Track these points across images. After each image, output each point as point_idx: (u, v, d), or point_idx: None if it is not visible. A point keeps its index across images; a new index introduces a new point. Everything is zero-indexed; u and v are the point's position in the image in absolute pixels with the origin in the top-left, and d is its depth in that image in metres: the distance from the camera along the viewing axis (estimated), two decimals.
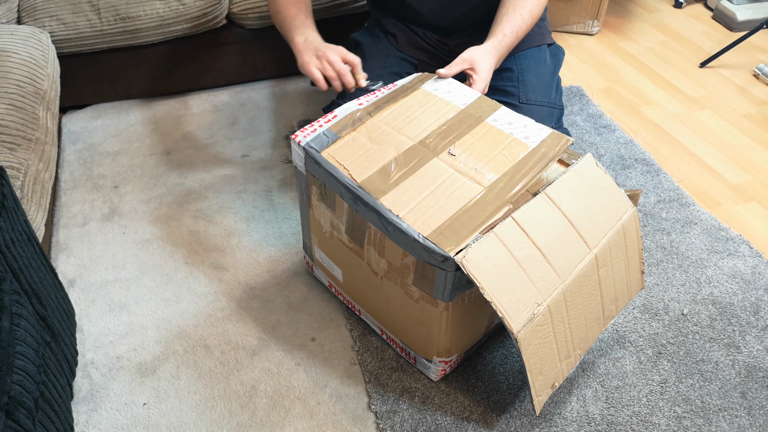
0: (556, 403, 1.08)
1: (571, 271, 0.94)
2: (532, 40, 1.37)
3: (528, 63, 1.34)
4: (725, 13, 2.28)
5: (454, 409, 1.08)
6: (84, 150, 1.67)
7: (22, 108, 1.30)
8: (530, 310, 0.89)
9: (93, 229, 1.44)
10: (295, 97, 1.88)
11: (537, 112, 1.27)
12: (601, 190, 1.00)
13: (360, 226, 1.00)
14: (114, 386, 1.12)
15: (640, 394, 1.10)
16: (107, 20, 1.64)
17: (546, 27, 1.43)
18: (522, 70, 1.32)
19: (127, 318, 1.24)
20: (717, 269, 1.33)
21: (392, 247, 0.95)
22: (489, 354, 1.16)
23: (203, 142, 1.70)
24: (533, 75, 1.32)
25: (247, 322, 1.23)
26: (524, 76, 1.32)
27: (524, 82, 1.31)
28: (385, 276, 1.02)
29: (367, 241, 1.00)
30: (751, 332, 1.20)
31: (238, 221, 1.46)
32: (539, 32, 1.39)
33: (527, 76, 1.31)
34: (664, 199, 1.51)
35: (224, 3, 1.74)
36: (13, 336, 0.79)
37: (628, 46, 2.17)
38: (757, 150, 1.70)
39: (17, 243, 0.92)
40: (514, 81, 1.31)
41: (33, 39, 1.51)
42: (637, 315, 1.24)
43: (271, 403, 1.09)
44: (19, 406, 0.73)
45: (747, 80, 1.99)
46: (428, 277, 0.92)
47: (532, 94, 1.30)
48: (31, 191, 1.20)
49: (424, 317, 0.99)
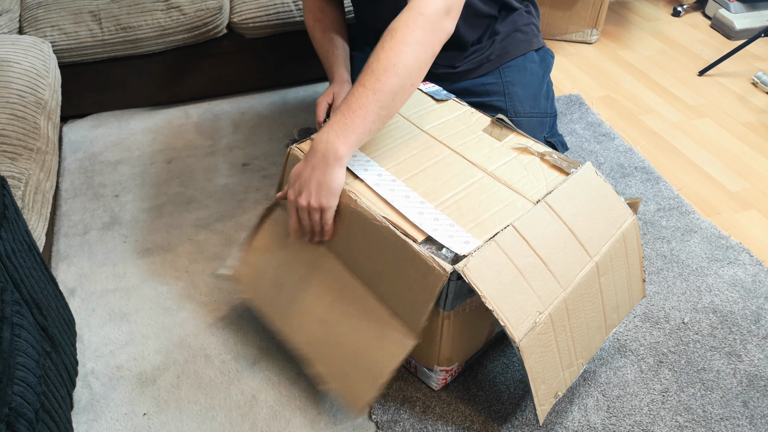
0: (557, 413, 1.08)
1: (572, 280, 0.94)
2: (516, 49, 1.32)
3: (513, 75, 1.30)
4: (723, 21, 2.29)
5: (455, 419, 1.07)
6: (85, 159, 1.68)
7: (23, 118, 1.31)
8: (532, 319, 0.89)
9: (93, 238, 1.44)
10: (296, 106, 1.89)
11: (526, 125, 1.25)
12: (601, 198, 1.01)
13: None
14: (114, 396, 1.12)
15: (641, 403, 1.10)
16: (108, 30, 1.65)
17: (533, 32, 1.36)
18: (507, 83, 1.29)
19: (127, 327, 1.24)
20: (717, 277, 1.33)
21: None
22: (490, 363, 1.16)
23: (204, 151, 1.70)
24: (519, 87, 1.29)
25: (248, 331, 1.23)
26: (510, 89, 1.28)
27: (511, 95, 1.28)
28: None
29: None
30: (752, 341, 1.20)
31: (239, 230, 1.46)
32: (525, 39, 1.34)
33: (514, 89, 1.28)
34: (663, 207, 1.51)
35: (225, 13, 1.75)
36: (14, 347, 0.78)
37: (627, 55, 2.18)
38: (756, 158, 1.70)
39: (18, 253, 0.92)
40: (500, 95, 1.28)
41: (34, 49, 1.51)
42: (637, 323, 1.23)
43: (272, 413, 1.09)
44: (20, 417, 0.73)
45: (746, 88, 2.00)
46: None
47: (520, 107, 1.27)
48: (32, 201, 1.20)
49: (426, 326, 0.99)
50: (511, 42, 1.32)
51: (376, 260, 0.96)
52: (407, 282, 0.92)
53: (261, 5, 1.75)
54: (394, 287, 0.95)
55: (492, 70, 1.31)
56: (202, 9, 1.69)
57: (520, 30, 1.33)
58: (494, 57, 1.31)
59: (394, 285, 0.95)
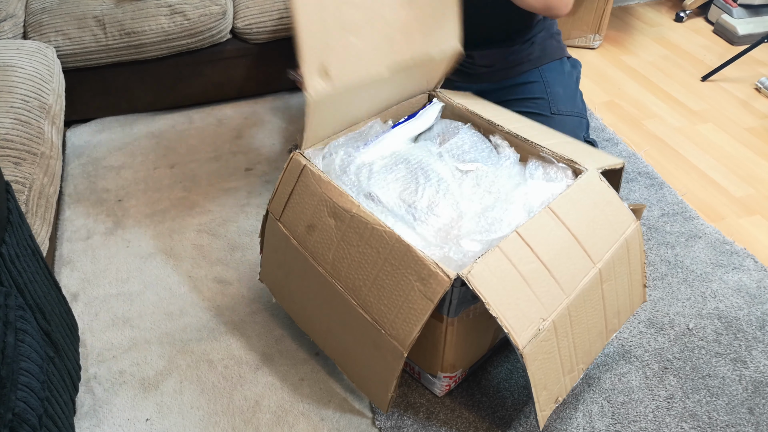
0: (562, 419, 1.07)
1: (575, 286, 0.94)
2: (553, 53, 1.38)
3: (553, 75, 1.35)
4: (726, 27, 2.29)
5: (459, 425, 1.07)
6: (88, 164, 1.68)
7: (27, 122, 1.31)
8: (535, 326, 0.88)
9: (97, 243, 1.44)
10: (299, 111, 1.89)
11: (569, 123, 1.28)
12: (605, 204, 1.00)
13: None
14: (117, 401, 1.12)
15: (646, 409, 1.09)
16: (112, 35, 1.66)
17: (561, 41, 1.44)
18: (548, 82, 1.34)
19: (130, 332, 1.24)
20: (722, 283, 1.33)
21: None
22: (494, 369, 1.16)
23: (207, 156, 1.71)
24: (560, 86, 1.34)
25: (250, 336, 1.23)
26: (551, 87, 1.33)
27: (552, 93, 1.32)
28: None
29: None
30: (757, 347, 1.20)
31: (242, 235, 1.46)
32: (558, 46, 1.40)
33: (555, 88, 1.33)
34: (667, 212, 1.51)
35: (228, 18, 1.75)
36: (18, 352, 0.78)
37: (630, 60, 2.18)
38: (760, 163, 1.70)
39: (22, 258, 0.93)
40: (542, 93, 1.33)
41: (39, 54, 1.52)
42: (642, 329, 1.23)
43: (275, 419, 1.09)
44: (24, 423, 0.73)
45: (749, 94, 1.99)
46: None
47: (561, 105, 1.31)
48: (35, 206, 1.20)
49: (429, 332, 0.99)
50: (548, 46, 1.38)
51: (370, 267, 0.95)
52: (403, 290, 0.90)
53: (264, 10, 1.76)
54: (388, 295, 0.92)
55: (532, 69, 1.35)
56: (206, 14, 1.70)
57: (553, 37, 1.40)
58: (534, 57, 1.36)
59: (388, 292, 0.92)
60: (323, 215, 0.99)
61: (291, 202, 1.05)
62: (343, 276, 0.97)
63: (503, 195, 1.03)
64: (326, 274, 1.00)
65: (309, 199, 1.02)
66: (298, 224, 1.04)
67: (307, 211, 1.02)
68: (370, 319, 0.94)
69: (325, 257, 1.00)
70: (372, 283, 0.94)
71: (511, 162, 1.10)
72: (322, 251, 1.00)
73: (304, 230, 1.03)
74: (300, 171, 1.04)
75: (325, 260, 1.00)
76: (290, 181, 1.05)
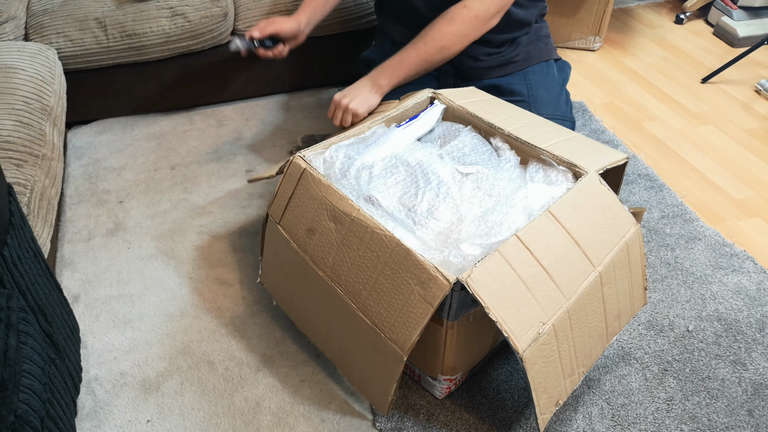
0: (562, 421, 1.08)
1: (575, 290, 0.94)
2: (539, 55, 1.40)
3: (537, 77, 1.37)
4: (726, 29, 2.29)
5: (459, 427, 1.07)
6: (89, 165, 1.68)
7: (28, 124, 1.31)
8: (535, 329, 0.88)
9: (98, 245, 1.44)
10: (300, 112, 1.90)
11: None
12: (605, 207, 1.01)
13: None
14: (118, 403, 1.12)
15: (646, 411, 1.10)
16: (114, 37, 1.66)
17: (551, 43, 1.45)
18: (531, 85, 1.36)
19: (131, 334, 1.24)
20: (722, 285, 1.33)
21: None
22: (494, 371, 1.16)
23: (208, 158, 1.71)
24: (543, 89, 1.35)
25: (251, 338, 1.23)
26: (534, 90, 1.35)
27: (534, 96, 1.34)
28: None
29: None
30: (757, 349, 1.20)
31: (243, 236, 1.46)
32: (545, 48, 1.42)
33: (537, 91, 1.35)
34: (667, 214, 1.51)
35: (229, 20, 1.75)
36: (20, 354, 0.79)
37: (630, 62, 2.19)
38: (760, 165, 1.70)
39: (23, 260, 0.93)
40: (524, 96, 1.35)
41: (40, 56, 1.52)
42: (642, 332, 1.23)
43: (276, 420, 1.09)
44: (26, 425, 0.73)
45: (749, 96, 2.00)
46: None
47: (542, 108, 1.33)
48: (37, 207, 1.21)
49: (430, 336, 0.99)
50: (534, 48, 1.40)
51: (370, 271, 0.95)
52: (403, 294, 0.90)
53: (265, 12, 1.76)
54: (388, 299, 0.92)
55: (516, 72, 1.38)
56: (207, 16, 1.70)
57: (541, 40, 1.42)
58: (520, 59, 1.38)
59: (388, 296, 0.92)
60: (323, 219, 1.00)
61: (291, 206, 1.06)
62: (343, 279, 0.97)
63: (503, 198, 1.03)
64: (326, 278, 1.00)
65: (309, 202, 1.02)
66: (298, 228, 1.04)
67: (307, 214, 1.03)
68: (369, 323, 0.95)
69: (325, 261, 1.00)
70: (372, 287, 0.94)
71: (512, 165, 1.10)
72: (322, 255, 1.00)
73: (304, 234, 1.03)
74: (300, 174, 1.04)
75: (325, 264, 1.00)
76: (290, 185, 1.06)
